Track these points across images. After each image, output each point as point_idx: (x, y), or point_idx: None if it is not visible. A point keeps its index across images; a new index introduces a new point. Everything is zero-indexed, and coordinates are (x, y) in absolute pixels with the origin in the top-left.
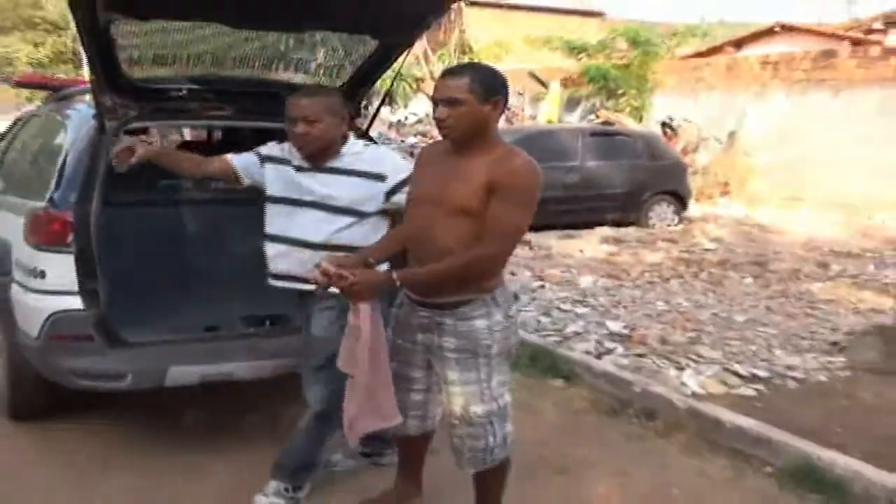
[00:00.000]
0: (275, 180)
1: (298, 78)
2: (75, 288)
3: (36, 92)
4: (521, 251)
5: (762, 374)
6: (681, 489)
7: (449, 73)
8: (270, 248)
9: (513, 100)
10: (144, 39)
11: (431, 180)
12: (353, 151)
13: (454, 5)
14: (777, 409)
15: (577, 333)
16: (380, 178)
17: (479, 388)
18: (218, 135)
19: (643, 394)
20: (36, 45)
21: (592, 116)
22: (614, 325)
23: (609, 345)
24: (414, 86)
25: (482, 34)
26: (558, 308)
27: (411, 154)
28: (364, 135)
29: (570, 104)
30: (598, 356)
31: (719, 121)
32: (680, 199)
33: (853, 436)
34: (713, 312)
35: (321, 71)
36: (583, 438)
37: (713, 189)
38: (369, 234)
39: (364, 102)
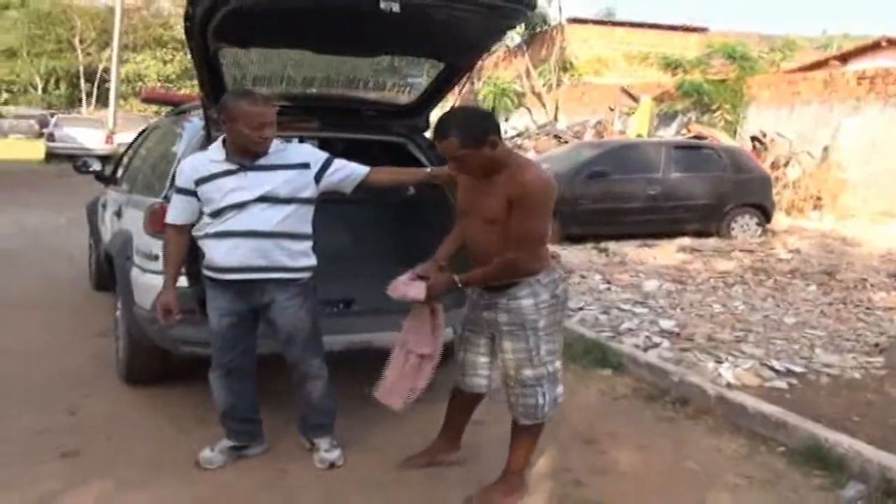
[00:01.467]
0: (216, 197)
1: (373, 96)
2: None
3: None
4: (596, 258)
5: (797, 369)
6: (696, 461)
7: (437, 135)
8: (220, 245)
9: (603, 115)
10: (246, 63)
11: (470, 198)
12: (278, 149)
13: (555, 22)
14: (804, 399)
15: (630, 330)
16: (305, 166)
17: (528, 356)
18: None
19: (680, 382)
20: (165, 62)
21: (684, 131)
22: (666, 324)
23: (657, 340)
24: (515, 101)
25: (585, 50)
26: (618, 308)
27: None
28: (431, 145)
29: (666, 119)
30: (645, 349)
31: (813, 135)
32: (764, 212)
33: (869, 424)
34: (765, 315)
35: (394, 90)
36: (617, 418)
37: (805, 203)
38: (307, 219)
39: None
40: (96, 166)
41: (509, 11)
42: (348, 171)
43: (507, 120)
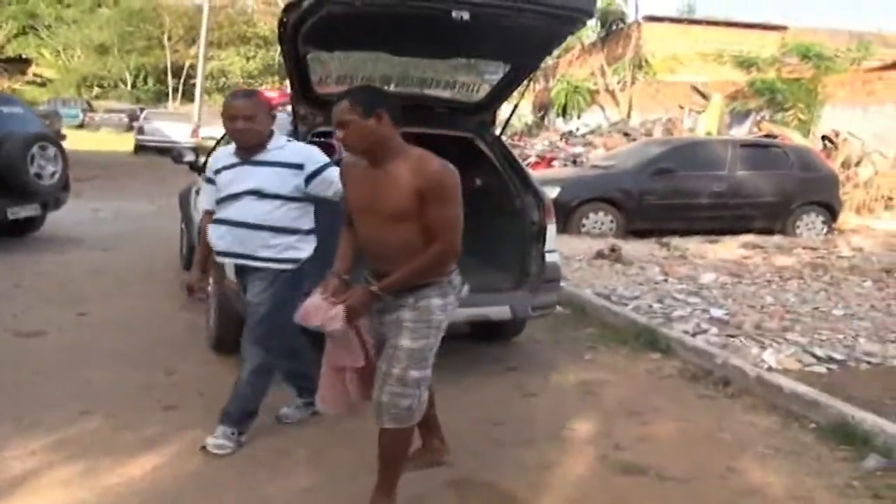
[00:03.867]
0: (221, 187)
1: (445, 94)
2: None
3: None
4: (656, 251)
5: (838, 356)
6: (730, 434)
7: (336, 100)
8: (215, 230)
9: (673, 112)
10: (330, 64)
11: (362, 191)
12: (278, 146)
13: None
14: (840, 383)
15: (681, 317)
16: (298, 167)
17: (421, 356)
18: None
19: (723, 365)
20: (248, 59)
21: (755, 129)
22: (717, 312)
23: (706, 327)
24: (588, 98)
25: (661, 48)
26: (672, 297)
27: (574, 162)
28: (496, 140)
29: (738, 118)
30: (694, 335)
31: (888, 135)
32: (830, 211)
33: None
34: (815, 307)
35: (463, 89)
36: (661, 395)
37: (876, 203)
38: (297, 216)
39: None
40: (190, 157)
41: (570, 18)
42: (334, 189)
43: (579, 117)
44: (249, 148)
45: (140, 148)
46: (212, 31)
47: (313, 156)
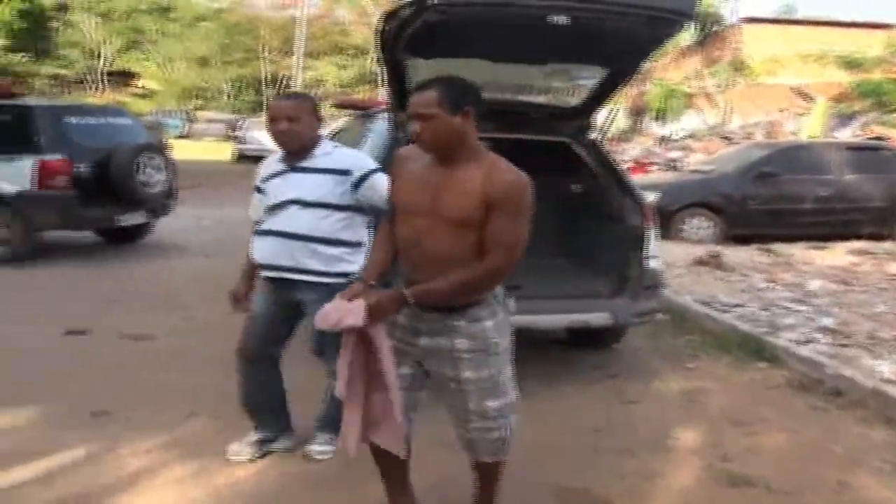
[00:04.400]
0: (268, 194)
1: (541, 99)
2: None
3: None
4: (758, 257)
5: None
6: (842, 447)
7: (417, 88)
8: (258, 242)
9: (773, 116)
10: (427, 72)
11: (419, 190)
12: (325, 152)
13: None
14: None
15: (788, 326)
16: (345, 173)
17: (492, 385)
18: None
19: (834, 375)
20: (342, 68)
21: (859, 132)
22: (826, 321)
23: (815, 336)
24: (685, 102)
25: (760, 49)
26: (778, 305)
27: (672, 167)
28: (593, 144)
29: (843, 120)
30: (802, 344)
31: None
32: None
33: None
34: None
35: (559, 94)
36: (768, 405)
37: None
38: (345, 226)
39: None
40: None
41: (670, 21)
42: (378, 197)
43: (675, 121)
44: (294, 153)
45: (240, 157)
46: (307, 42)
47: (361, 161)
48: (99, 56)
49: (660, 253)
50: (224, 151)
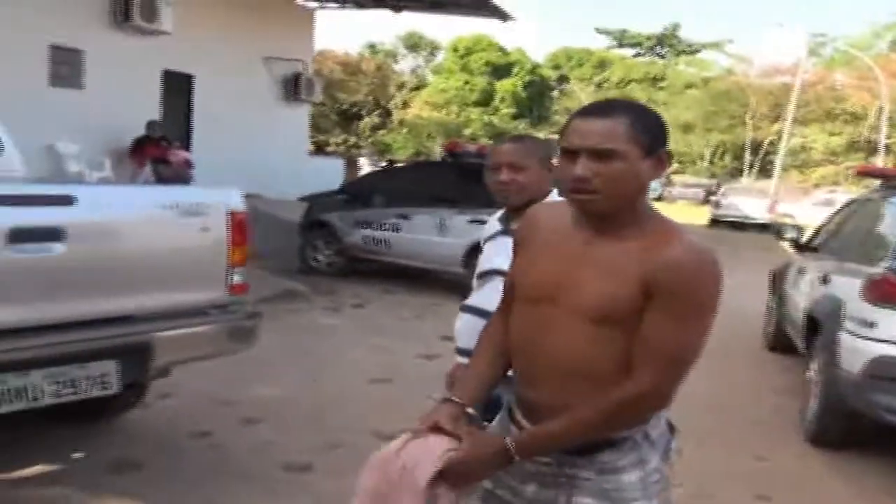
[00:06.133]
0: (480, 260)
1: None
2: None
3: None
4: None
5: None
6: None
7: (594, 111)
8: (458, 320)
9: None
10: None
11: (549, 267)
12: None
13: None
14: None
15: None
16: None
17: None
18: None
19: None
20: (832, 135)
21: None
22: None
23: None
24: None
25: None
26: None
27: None
28: None
29: None
30: None
31: None
32: None
33: None
34: None
35: None
36: None
37: None
38: None
39: None
40: (791, 233)
41: None
42: None
43: None
44: (517, 210)
45: (715, 221)
46: (798, 107)
47: None
48: None
49: None
50: (700, 215)
